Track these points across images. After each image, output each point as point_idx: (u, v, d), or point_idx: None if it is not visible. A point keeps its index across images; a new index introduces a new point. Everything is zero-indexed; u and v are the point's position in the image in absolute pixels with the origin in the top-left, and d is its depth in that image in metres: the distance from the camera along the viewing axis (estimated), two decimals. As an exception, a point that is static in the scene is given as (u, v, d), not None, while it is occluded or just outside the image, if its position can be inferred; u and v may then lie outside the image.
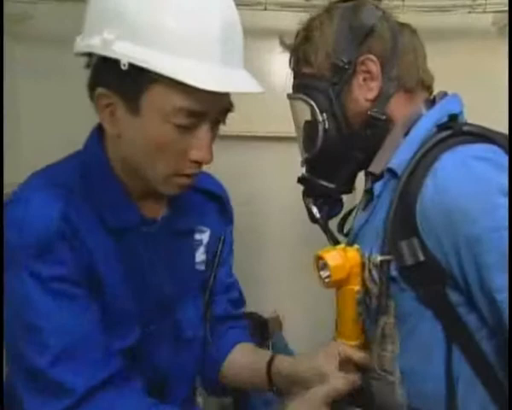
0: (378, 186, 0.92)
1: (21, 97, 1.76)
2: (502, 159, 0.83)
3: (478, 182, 0.80)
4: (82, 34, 0.84)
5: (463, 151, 0.84)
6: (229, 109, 0.85)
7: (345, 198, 1.10)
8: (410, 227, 0.84)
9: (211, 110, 0.81)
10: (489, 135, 0.87)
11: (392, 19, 0.99)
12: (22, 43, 1.73)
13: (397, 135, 0.95)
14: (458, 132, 0.87)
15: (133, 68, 0.76)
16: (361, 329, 0.92)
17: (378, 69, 0.95)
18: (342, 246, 0.91)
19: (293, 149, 1.70)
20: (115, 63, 0.76)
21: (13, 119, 1.64)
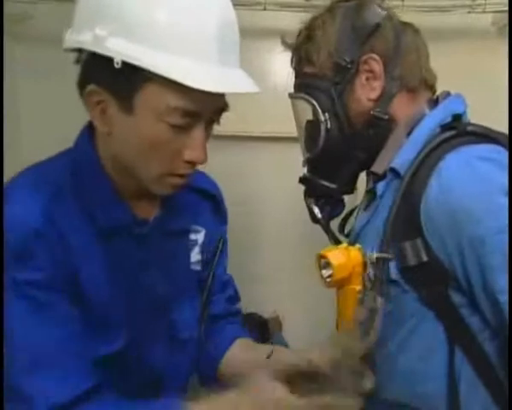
0: (381, 186, 0.92)
1: (21, 97, 1.76)
2: (506, 159, 0.83)
3: (482, 182, 0.80)
4: (71, 29, 0.81)
5: (468, 151, 0.84)
6: (224, 109, 0.84)
7: (346, 198, 1.10)
8: (414, 228, 0.84)
9: (206, 110, 0.79)
10: (493, 135, 0.87)
11: (395, 18, 0.99)
12: (22, 43, 1.73)
13: (400, 135, 0.95)
14: (462, 133, 0.87)
15: (127, 66, 0.74)
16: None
17: (381, 69, 0.95)
18: (344, 245, 0.91)
19: (289, 149, 1.71)
20: (108, 60, 0.74)
21: (13, 119, 1.65)
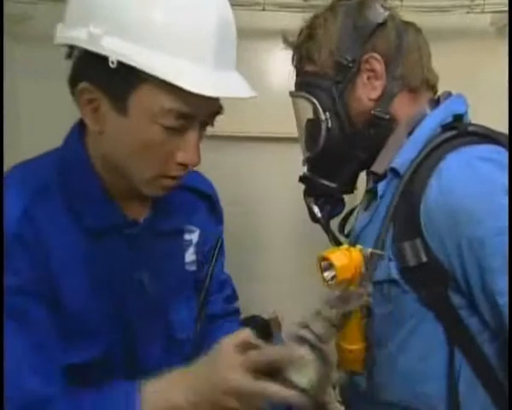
0: (381, 186, 0.92)
1: (21, 97, 1.76)
2: (506, 160, 0.83)
3: (483, 183, 0.80)
4: (63, 23, 0.80)
5: (468, 152, 0.84)
6: (218, 112, 0.83)
7: (346, 198, 1.09)
8: (414, 228, 0.84)
9: (200, 113, 0.79)
10: (494, 136, 0.87)
11: (397, 17, 0.99)
12: (22, 43, 1.73)
13: (400, 135, 0.94)
14: (463, 133, 0.87)
15: (122, 66, 0.72)
16: (363, 332, 0.90)
17: (382, 68, 0.95)
18: (346, 246, 0.90)
19: (287, 150, 1.71)
20: (102, 59, 0.73)
21: (13, 119, 1.65)
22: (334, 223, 1.10)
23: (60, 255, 0.82)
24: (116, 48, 0.72)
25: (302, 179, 1.08)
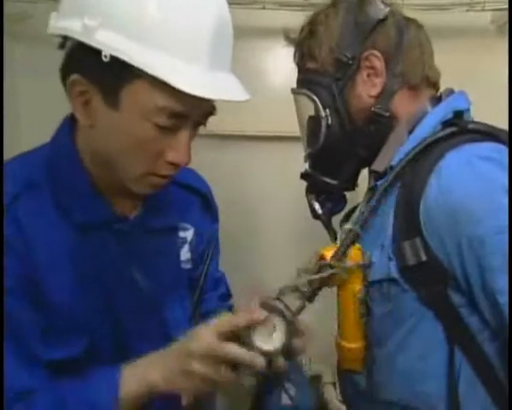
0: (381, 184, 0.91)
1: (21, 97, 1.76)
2: (507, 158, 0.82)
3: (483, 182, 0.80)
4: (58, 13, 0.79)
5: (468, 150, 0.83)
6: (211, 112, 0.82)
7: (348, 195, 1.09)
8: (413, 227, 0.83)
9: (193, 112, 0.78)
10: (495, 133, 0.86)
11: (398, 14, 0.98)
12: (22, 42, 1.73)
13: (401, 132, 0.94)
14: (463, 130, 0.87)
15: (115, 61, 0.72)
16: (363, 331, 0.90)
17: (382, 65, 0.95)
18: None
19: (286, 149, 1.71)
20: (95, 52, 0.72)
21: (13, 118, 1.65)
22: (336, 221, 1.09)
23: (45, 250, 0.82)
24: (110, 42, 0.72)
25: (303, 176, 1.08)
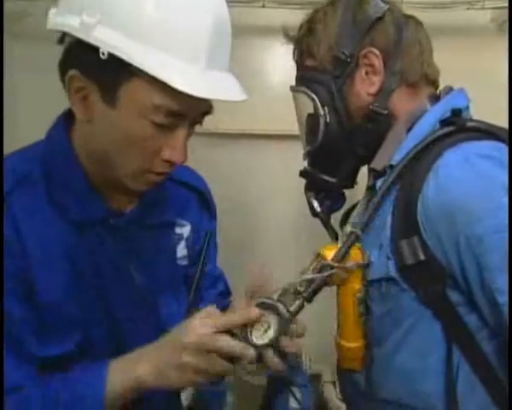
0: (380, 183, 0.91)
1: (20, 94, 1.76)
2: (505, 157, 0.82)
3: (482, 180, 0.80)
4: (57, 8, 0.79)
5: (467, 148, 0.83)
6: (208, 112, 0.82)
7: (347, 193, 1.09)
8: (411, 226, 0.83)
9: (190, 111, 0.79)
10: (494, 131, 0.86)
11: (397, 12, 0.98)
12: (21, 40, 1.73)
13: (399, 131, 0.94)
14: (462, 128, 0.86)
15: (113, 58, 0.72)
16: (362, 330, 0.90)
17: (381, 63, 0.94)
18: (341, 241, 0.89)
19: (286, 147, 1.71)
20: (93, 49, 0.72)
21: (12, 118, 1.65)
22: (335, 218, 1.09)
23: (40, 247, 0.82)
24: (108, 39, 0.72)
25: (302, 174, 1.07)
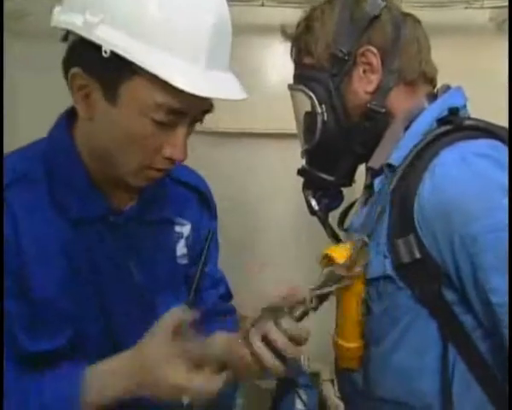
0: (378, 181, 0.91)
1: (20, 93, 1.77)
2: (503, 156, 0.82)
3: (478, 180, 0.80)
4: (61, 7, 0.80)
5: (464, 147, 0.83)
6: (208, 110, 0.83)
7: (345, 192, 1.09)
8: (407, 224, 0.83)
9: (191, 110, 0.80)
10: (492, 129, 0.86)
11: (395, 9, 0.98)
12: (22, 39, 1.73)
13: (397, 129, 0.94)
14: (459, 127, 0.86)
15: (115, 56, 0.73)
16: (361, 331, 0.90)
17: (378, 61, 0.94)
18: (348, 243, 0.89)
19: (286, 146, 1.70)
20: (96, 47, 0.74)
21: (12, 116, 1.65)
22: (334, 217, 1.09)
23: (36, 243, 0.83)
24: (110, 38, 0.73)
25: (300, 172, 1.07)
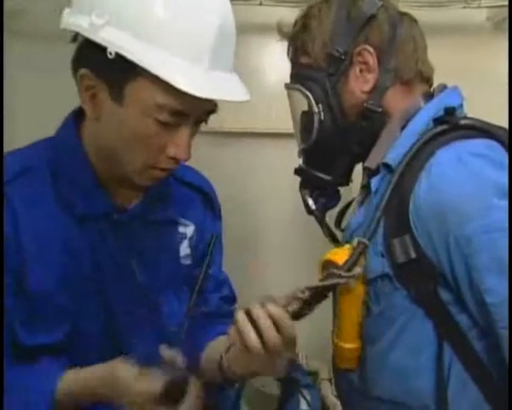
0: (375, 182, 0.91)
1: (18, 92, 1.76)
2: (499, 156, 0.82)
3: (474, 180, 0.80)
4: (70, 9, 0.82)
5: (460, 147, 0.83)
6: (213, 110, 0.84)
7: (342, 192, 1.09)
8: (403, 224, 0.83)
9: (194, 111, 0.81)
10: (488, 129, 0.86)
11: (391, 9, 0.98)
12: (20, 39, 1.73)
13: (393, 128, 0.94)
14: (455, 126, 0.86)
15: (120, 57, 0.75)
16: (360, 332, 0.90)
17: (375, 61, 0.94)
18: (347, 246, 0.88)
19: (286, 145, 1.70)
20: (102, 49, 0.75)
21: (11, 115, 1.65)
22: (331, 216, 1.09)
23: (35, 238, 0.85)
24: (115, 39, 0.75)
25: (297, 172, 1.07)
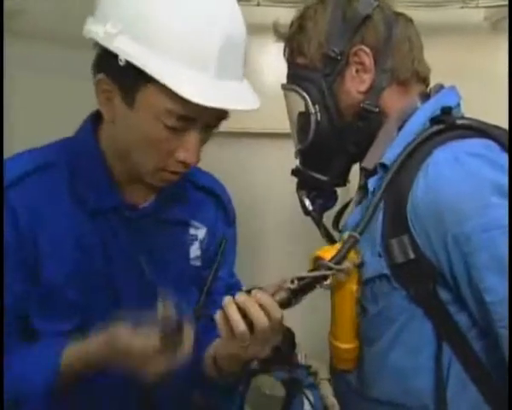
0: (372, 182, 0.91)
1: (18, 93, 1.76)
2: (496, 155, 0.82)
3: (471, 179, 0.80)
4: (92, 18, 0.86)
5: (457, 146, 0.83)
6: (223, 117, 0.87)
7: (340, 193, 1.09)
8: (401, 224, 0.84)
9: (201, 117, 0.83)
10: (485, 129, 0.86)
11: (387, 9, 0.98)
12: (19, 39, 1.73)
13: (390, 129, 0.94)
14: (452, 126, 0.86)
15: (131, 65, 0.79)
16: (356, 332, 0.90)
17: (371, 61, 0.94)
18: (339, 244, 0.88)
19: (286, 145, 1.70)
20: (115, 56, 0.80)
21: (10, 116, 1.65)
22: (329, 217, 1.09)
23: (49, 232, 0.89)
24: (126, 48, 0.79)
25: (294, 172, 1.08)
